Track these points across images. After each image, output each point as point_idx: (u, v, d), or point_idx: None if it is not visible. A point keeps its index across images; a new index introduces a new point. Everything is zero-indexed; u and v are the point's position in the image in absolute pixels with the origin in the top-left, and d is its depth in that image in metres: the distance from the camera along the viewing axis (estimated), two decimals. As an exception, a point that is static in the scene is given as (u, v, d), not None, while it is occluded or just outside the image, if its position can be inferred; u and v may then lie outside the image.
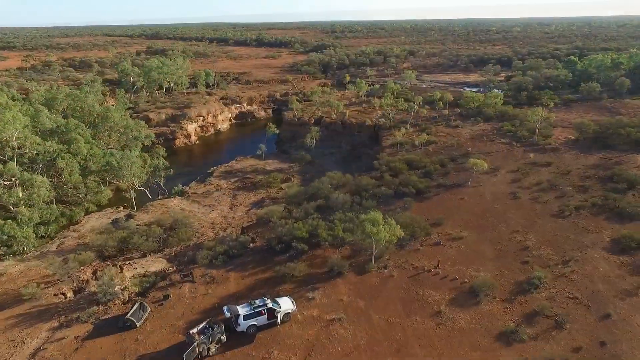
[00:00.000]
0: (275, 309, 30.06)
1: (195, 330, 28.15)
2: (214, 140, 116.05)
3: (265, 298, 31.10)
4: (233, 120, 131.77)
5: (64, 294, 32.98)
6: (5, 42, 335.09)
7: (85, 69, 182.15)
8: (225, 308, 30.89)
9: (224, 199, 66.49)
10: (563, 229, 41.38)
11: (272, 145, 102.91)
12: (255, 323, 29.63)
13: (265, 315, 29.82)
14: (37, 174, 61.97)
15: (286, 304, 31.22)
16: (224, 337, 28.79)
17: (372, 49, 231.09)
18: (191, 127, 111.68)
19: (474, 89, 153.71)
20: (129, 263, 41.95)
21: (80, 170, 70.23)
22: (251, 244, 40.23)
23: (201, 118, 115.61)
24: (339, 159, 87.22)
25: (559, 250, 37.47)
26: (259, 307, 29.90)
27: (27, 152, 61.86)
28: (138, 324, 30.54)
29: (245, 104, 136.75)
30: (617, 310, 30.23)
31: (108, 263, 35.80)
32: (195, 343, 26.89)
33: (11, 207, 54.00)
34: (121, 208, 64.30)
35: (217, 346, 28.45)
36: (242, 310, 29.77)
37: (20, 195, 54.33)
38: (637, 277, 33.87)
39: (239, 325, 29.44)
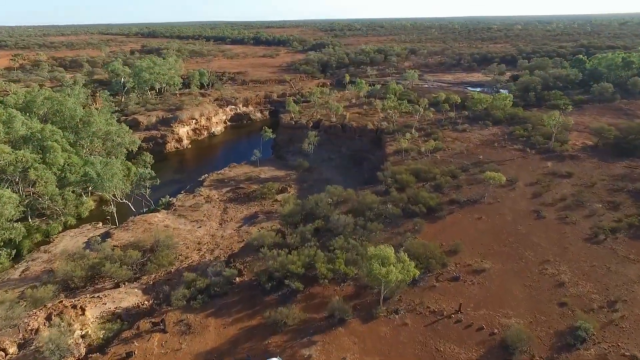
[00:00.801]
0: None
1: None
2: (208, 144, 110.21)
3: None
4: (228, 123, 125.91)
5: (4, 349, 27.18)
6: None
7: (76, 69, 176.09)
8: None
9: (213, 212, 60.80)
10: (600, 257, 35.78)
11: (268, 149, 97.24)
12: None
13: None
14: (7, 187, 56.32)
15: None
16: None
17: (372, 48, 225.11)
18: (183, 131, 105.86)
19: (478, 89, 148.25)
20: (98, 296, 36.26)
21: (58, 181, 64.68)
22: (237, 278, 34.60)
23: (194, 121, 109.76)
24: (338, 165, 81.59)
25: (600, 287, 31.84)
26: None
27: (-5, 162, 56.08)
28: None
29: (240, 106, 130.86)
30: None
31: (67, 304, 30.24)
32: None
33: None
34: (100, 224, 58.58)
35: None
36: None
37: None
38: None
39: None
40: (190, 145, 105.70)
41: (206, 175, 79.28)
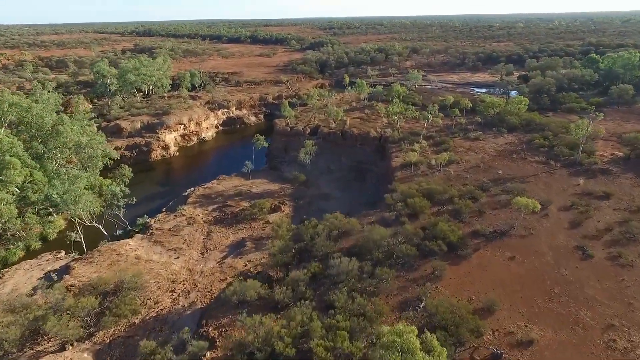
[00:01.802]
0: None
1: None
2: (197, 151, 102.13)
3: None
4: (220, 127, 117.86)
5: None
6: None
7: (63, 69, 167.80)
8: None
9: (195, 237, 52.88)
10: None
11: (262, 158, 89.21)
12: None
13: None
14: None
15: None
16: None
17: (372, 46, 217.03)
18: (170, 137, 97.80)
19: (484, 90, 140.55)
20: (35, 366, 28.36)
21: (19, 201, 56.79)
22: (208, 353, 26.82)
23: (182, 126, 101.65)
24: (338, 177, 73.66)
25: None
26: None
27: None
28: None
29: (233, 109, 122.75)
30: None
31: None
32: None
33: None
34: (62, 253, 50.60)
35: None
36: None
37: None
38: None
39: None
40: (178, 153, 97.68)
41: (192, 189, 71.42)
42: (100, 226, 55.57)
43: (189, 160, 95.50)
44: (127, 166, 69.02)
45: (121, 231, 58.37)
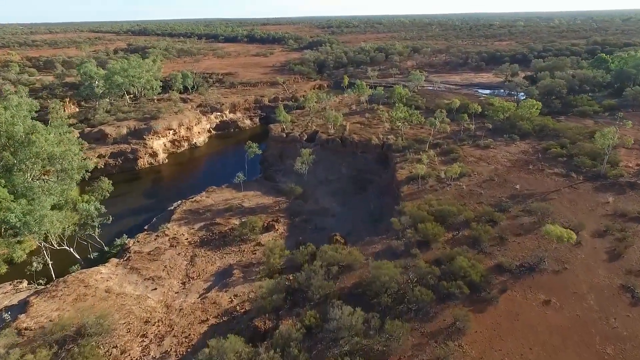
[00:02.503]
0: None
1: None
2: (188, 158, 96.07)
3: None
4: (212, 132, 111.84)
5: None
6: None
7: (50, 70, 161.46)
8: None
9: (177, 263, 47.00)
10: None
11: (256, 165, 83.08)
12: None
13: None
14: None
15: None
16: None
17: (372, 46, 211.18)
18: (158, 144, 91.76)
19: (487, 91, 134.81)
20: None
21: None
22: None
23: (171, 131, 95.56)
24: (338, 189, 67.77)
25: None
26: None
27: None
28: None
29: (227, 112, 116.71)
30: None
31: None
32: None
33: None
34: (24, 283, 44.62)
35: None
36: None
37: None
38: None
39: None
40: (167, 160, 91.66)
41: (179, 202, 65.53)
42: (72, 249, 49.57)
43: (179, 169, 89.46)
44: (107, 179, 63.00)
45: (97, 254, 52.50)
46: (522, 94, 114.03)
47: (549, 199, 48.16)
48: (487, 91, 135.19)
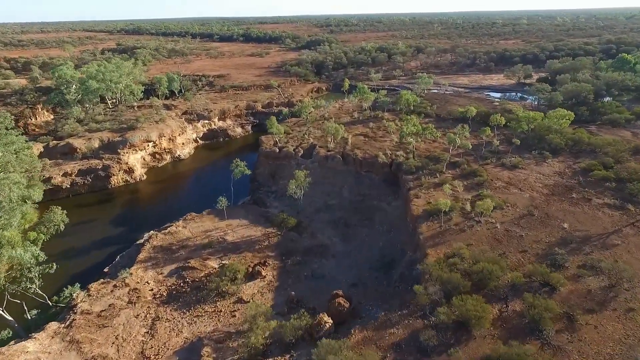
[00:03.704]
0: None
1: None
2: (169, 174, 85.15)
3: None
4: (199, 142, 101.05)
5: None
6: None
7: (29, 72, 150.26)
8: None
9: (133, 332, 36.29)
10: None
11: (245, 184, 71.87)
12: None
13: None
14: None
15: None
16: None
17: (373, 46, 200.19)
18: (134, 158, 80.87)
19: (498, 95, 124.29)
20: None
21: None
22: None
23: (150, 144, 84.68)
24: (339, 218, 56.98)
25: None
26: None
27: None
28: None
29: (216, 120, 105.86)
30: None
31: None
32: None
33: None
34: None
35: None
36: None
37: None
38: None
39: None
40: (145, 176, 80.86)
41: (150, 234, 54.90)
42: (1, 310, 38.71)
43: (158, 187, 78.48)
44: (59, 208, 52.19)
45: (36, 312, 41.67)
46: (532, 98, 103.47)
47: (610, 245, 37.62)
48: (498, 95, 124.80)
